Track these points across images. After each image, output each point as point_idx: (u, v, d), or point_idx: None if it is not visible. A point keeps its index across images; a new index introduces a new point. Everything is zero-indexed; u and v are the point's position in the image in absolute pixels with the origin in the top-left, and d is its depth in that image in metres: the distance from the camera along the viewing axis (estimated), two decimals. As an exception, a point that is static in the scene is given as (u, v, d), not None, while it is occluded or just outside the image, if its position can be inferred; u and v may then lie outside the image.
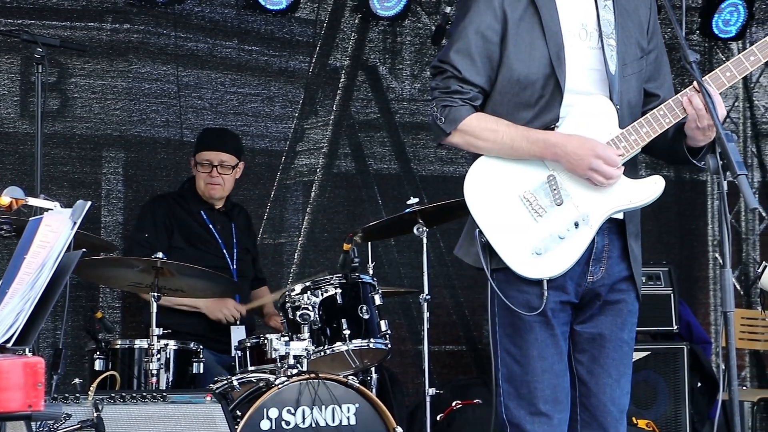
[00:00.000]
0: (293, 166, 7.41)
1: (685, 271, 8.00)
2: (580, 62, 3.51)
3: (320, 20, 7.48)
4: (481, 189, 3.49)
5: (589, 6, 3.57)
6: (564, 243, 3.44)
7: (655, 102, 3.59)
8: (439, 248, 7.31)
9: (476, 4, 3.52)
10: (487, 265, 3.45)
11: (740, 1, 7.98)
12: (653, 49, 3.64)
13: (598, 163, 3.41)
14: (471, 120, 3.51)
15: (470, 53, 3.50)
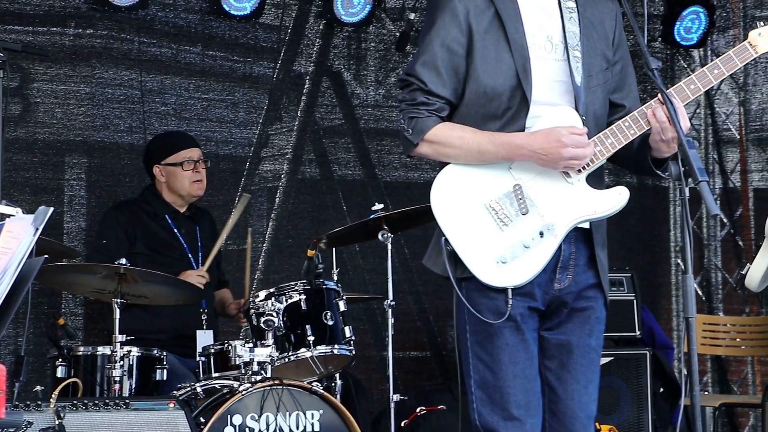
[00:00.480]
0: (257, 172, 7.39)
1: (647, 277, 8.05)
2: (546, 74, 3.53)
3: (284, 26, 7.47)
4: (447, 198, 3.51)
5: (555, 18, 3.59)
6: (529, 252, 3.46)
7: (621, 113, 3.62)
8: (403, 254, 7.32)
9: (442, 17, 3.54)
10: (453, 274, 3.46)
11: (701, 9, 8.05)
12: (619, 60, 3.67)
13: (570, 151, 3.43)
14: (437, 129, 3.52)
15: (436, 66, 3.52)
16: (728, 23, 8.30)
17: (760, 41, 3.56)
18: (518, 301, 3.48)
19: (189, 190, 6.18)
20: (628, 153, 3.58)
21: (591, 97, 3.56)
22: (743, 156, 8.36)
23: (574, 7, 3.62)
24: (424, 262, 3.64)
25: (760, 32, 3.57)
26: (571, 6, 3.62)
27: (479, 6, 3.54)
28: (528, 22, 3.56)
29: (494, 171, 3.51)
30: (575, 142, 3.44)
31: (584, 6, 3.63)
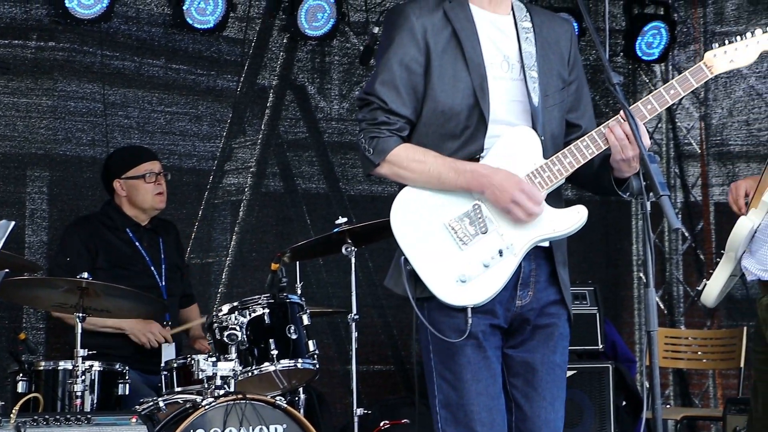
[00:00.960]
0: (221, 186, 7.38)
1: (610, 291, 8.09)
2: (503, 94, 3.55)
3: (248, 39, 7.47)
4: (407, 217, 3.52)
5: (511, 38, 3.61)
6: (489, 271, 3.47)
7: (577, 132, 3.65)
8: (367, 268, 7.32)
9: (400, 35, 3.54)
10: (412, 294, 3.46)
11: (663, 24, 8.12)
12: (574, 80, 3.70)
13: (521, 197, 3.45)
14: (399, 151, 3.53)
15: (395, 85, 3.53)
16: (689, 38, 8.38)
17: (715, 62, 3.61)
18: (479, 318, 3.49)
19: (152, 203, 6.15)
20: (589, 174, 3.60)
21: (548, 117, 3.58)
22: (704, 170, 8.43)
23: (530, 27, 3.64)
24: (385, 283, 3.65)
25: (716, 53, 3.62)
26: (527, 26, 3.64)
27: (437, 25, 3.55)
28: (485, 41, 3.57)
29: (454, 191, 3.52)
30: (532, 193, 3.46)
31: (540, 26, 3.66)
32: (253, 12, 7.43)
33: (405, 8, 3.61)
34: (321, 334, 6.93)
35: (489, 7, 3.62)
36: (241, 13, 7.37)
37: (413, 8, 3.58)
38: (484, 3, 3.62)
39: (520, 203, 3.45)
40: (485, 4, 3.62)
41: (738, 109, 8.17)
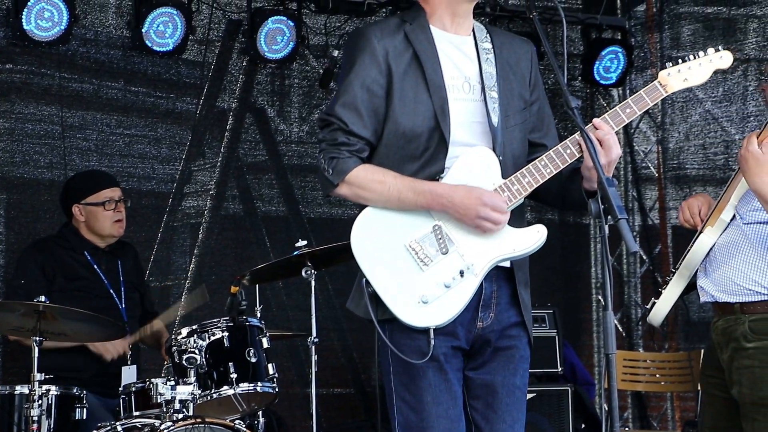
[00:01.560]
0: (180, 208, 7.35)
1: (569, 314, 8.13)
2: (463, 115, 3.56)
3: (208, 62, 7.46)
4: (368, 239, 3.51)
5: (472, 59, 3.63)
6: (450, 292, 3.48)
7: (541, 151, 3.66)
8: (327, 291, 7.31)
9: (361, 58, 3.55)
10: (375, 316, 3.46)
11: (620, 49, 8.20)
12: (536, 100, 3.72)
13: (485, 211, 3.46)
14: (358, 171, 3.53)
15: (356, 107, 3.53)
16: (646, 63, 8.47)
17: (670, 81, 3.64)
18: (441, 340, 3.49)
19: (110, 230, 6.11)
20: (557, 187, 3.61)
21: (508, 137, 3.60)
22: (662, 194, 8.50)
23: (490, 48, 3.66)
24: (347, 305, 3.64)
25: (670, 72, 3.65)
26: (487, 47, 3.66)
27: (398, 47, 3.56)
28: (446, 63, 3.59)
29: (414, 211, 3.53)
30: (495, 204, 3.47)
31: (500, 47, 3.68)
32: (213, 35, 7.43)
33: (366, 30, 3.62)
34: (281, 357, 6.91)
35: (450, 29, 3.64)
36: (201, 35, 7.36)
37: (375, 30, 3.59)
38: (445, 24, 3.63)
39: (486, 217, 3.46)
40: (446, 25, 3.64)
41: (694, 133, 8.25)
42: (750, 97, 7.83)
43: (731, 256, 4.44)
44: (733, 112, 7.93)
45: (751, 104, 7.82)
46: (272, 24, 7.22)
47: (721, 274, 4.45)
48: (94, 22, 7.12)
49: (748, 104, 7.84)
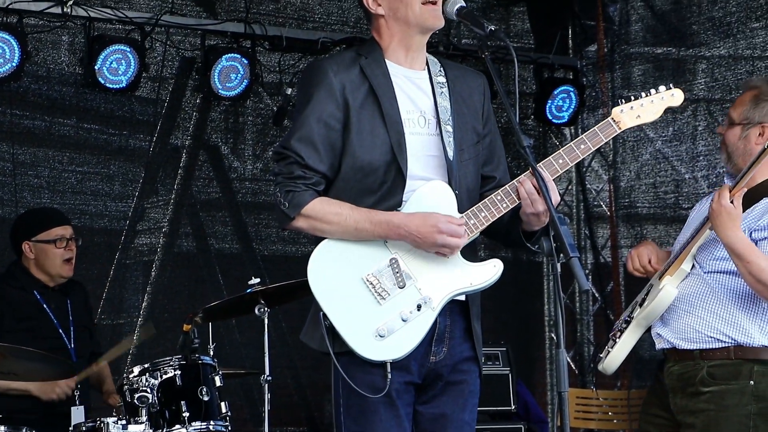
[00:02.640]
0: (133, 246, 7.31)
1: (522, 351, 8.14)
2: (420, 149, 3.58)
3: (161, 99, 7.45)
4: (325, 272, 3.52)
5: (427, 93, 3.66)
6: (407, 325, 3.49)
7: (492, 184, 3.69)
8: (281, 328, 7.28)
9: (318, 92, 3.56)
10: (331, 349, 3.46)
11: (572, 88, 8.28)
12: (488, 133, 3.75)
13: (443, 238, 3.48)
14: (315, 204, 3.53)
15: (313, 141, 3.54)
16: (597, 102, 8.56)
17: (623, 117, 3.69)
18: (395, 375, 3.49)
19: (59, 270, 6.05)
20: (500, 226, 3.64)
21: (463, 170, 3.62)
22: (613, 232, 8.56)
23: (444, 82, 3.69)
24: (301, 337, 3.63)
25: (623, 109, 3.71)
26: (441, 81, 3.69)
27: (354, 81, 3.58)
28: (402, 97, 3.61)
29: (371, 245, 3.53)
30: (451, 230, 3.49)
31: (454, 81, 3.71)
32: (166, 72, 7.42)
33: (322, 64, 3.63)
34: (233, 395, 6.86)
35: (405, 63, 3.66)
36: (154, 73, 7.35)
37: (331, 64, 3.61)
38: (399, 59, 3.66)
39: (444, 243, 3.48)
40: (401, 59, 3.66)
41: (645, 172, 8.33)
42: (699, 136, 7.93)
43: (693, 306, 4.54)
44: (683, 151, 8.02)
45: (700, 144, 7.91)
46: (226, 62, 7.23)
47: (683, 322, 4.55)
48: (47, 59, 7.09)
49: (697, 144, 7.94)
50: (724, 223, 4.35)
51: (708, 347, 4.49)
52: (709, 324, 4.50)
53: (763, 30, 7.51)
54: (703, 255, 4.56)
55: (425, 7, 3.59)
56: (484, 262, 3.59)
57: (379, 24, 3.66)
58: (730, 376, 4.46)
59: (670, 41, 8.18)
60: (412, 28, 3.62)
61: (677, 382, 4.56)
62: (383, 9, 3.63)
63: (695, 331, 4.52)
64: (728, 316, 4.49)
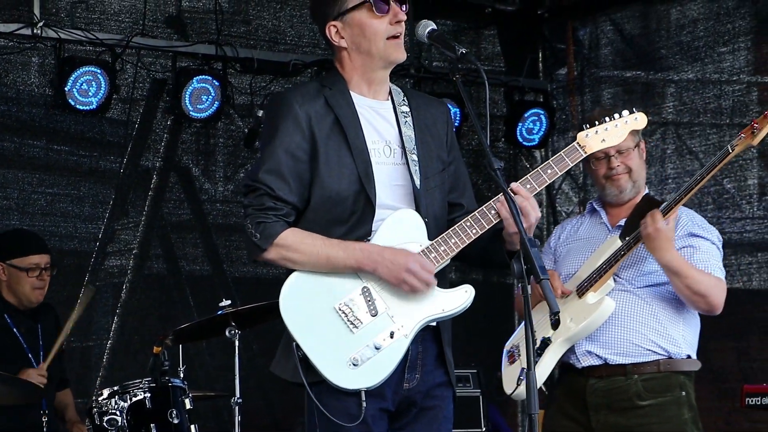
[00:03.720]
0: (103, 268, 7.28)
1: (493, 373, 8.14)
2: (387, 178, 3.60)
3: (132, 120, 7.43)
4: (296, 302, 3.52)
5: (392, 123, 3.68)
6: (380, 353, 3.49)
7: (459, 211, 3.71)
8: (251, 351, 7.26)
9: (284, 123, 3.57)
10: (305, 379, 3.45)
11: (542, 111, 8.32)
12: (452, 161, 3.77)
13: (415, 268, 3.48)
14: (287, 235, 3.53)
15: (281, 173, 3.54)
16: (567, 125, 8.61)
17: (588, 142, 3.73)
18: (370, 402, 3.48)
19: (29, 296, 6.03)
20: (478, 249, 3.65)
21: (430, 199, 3.64)
22: (584, 254, 8.59)
23: (408, 111, 3.71)
24: (272, 369, 3.63)
25: (588, 133, 3.75)
26: (405, 110, 3.71)
27: (319, 112, 3.59)
28: (367, 127, 3.63)
29: (342, 275, 3.54)
30: (423, 265, 3.50)
31: (417, 110, 3.73)
32: (137, 94, 7.41)
33: (287, 96, 3.64)
34: (204, 418, 6.84)
35: (369, 94, 3.68)
36: (125, 94, 7.33)
37: (296, 96, 3.61)
38: (363, 90, 3.67)
39: (416, 274, 3.49)
40: (365, 91, 3.67)
41: (613, 195, 8.37)
42: (668, 159, 7.99)
43: (626, 319, 4.66)
44: (652, 174, 8.07)
45: (669, 167, 7.97)
46: (197, 83, 7.22)
47: (616, 337, 4.66)
48: (16, 81, 7.07)
49: (666, 167, 8.00)
50: (663, 246, 4.49)
51: (641, 360, 4.63)
52: (645, 336, 4.65)
53: (730, 54, 7.59)
54: (629, 271, 4.69)
55: (389, 42, 3.61)
56: (455, 288, 3.59)
57: (342, 56, 3.67)
58: (663, 388, 4.63)
59: (639, 65, 8.25)
60: (375, 62, 3.64)
61: (602, 399, 4.65)
62: (346, 42, 3.64)
63: (631, 344, 4.65)
64: (661, 328, 4.66)
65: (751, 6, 7.54)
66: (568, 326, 4.62)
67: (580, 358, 4.68)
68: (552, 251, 4.99)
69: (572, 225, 4.99)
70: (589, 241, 4.81)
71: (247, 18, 7.78)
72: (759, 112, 7.38)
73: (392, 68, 3.71)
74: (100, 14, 7.26)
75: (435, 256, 3.55)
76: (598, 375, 4.67)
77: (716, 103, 7.65)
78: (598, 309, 4.59)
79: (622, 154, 4.78)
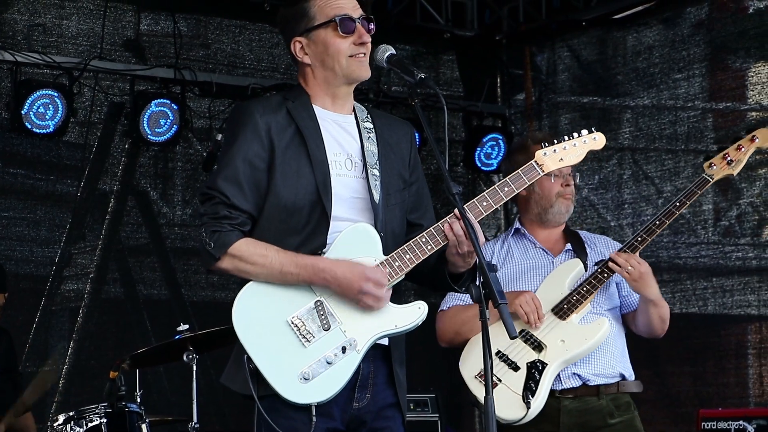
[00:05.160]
0: (59, 292, 7.23)
1: (452, 398, 8.15)
2: (345, 191, 3.60)
3: (89, 144, 7.41)
4: (249, 315, 3.51)
5: (354, 137, 3.68)
6: (332, 368, 3.48)
7: (419, 231, 3.70)
8: (209, 375, 7.23)
9: (244, 132, 3.58)
10: (255, 392, 3.44)
11: (501, 136, 8.38)
12: (415, 181, 3.78)
13: (368, 287, 3.49)
14: (240, 245, 3.53)
15: (238, 180, 3.55)
16: (525, 150, 8.65)
17: (546, 160, 3.73)
18: (318, 421, 3.47)
19: None
20: (426, 269, 3.65)
21: (389, 215, 3.65)
22: (541, 278, 8.63)
23: (371, 128, 3.72)
24: (222, 380, 3.61)
25: (546, 152, 3.74)
26: (369, 127, 3.72)
27: (280, 123, 3.60)
28: (328, 139, 3.63)
29: (295, 287, 3.53)
30: (377, 280, 3.50)
31: (381, 128, 3.74)
32: (95, 117, 7.39)
33: (249, 106, 3.65)
34: (160, 443, 6.79)
35: (332, 108, 3.69)
36: (82, 117, 7.31)
37: (257, 106, 3.63)
38: (326, 103, 3.68)
39: (368, 292, 3.49)
40: (328, 104, 3.68)
41: (572, 219, 8.39)
42: (624, 184, 8.06)
43: (608, 342, 4.72)
44: (609, 199, 8.14)
45: (625, 192, 8.04)
46: (155, 107, 7.21)
47: (601, 359, 4.73)
48: (-28, 104, 7.03)
49: (623, 192, 8.07)
50: (651, 283, 4.64)
51: (610, 382, 4.74)
52: (617, 359, 4.76)
53: (685, 81, 7.68)
54: (600, 295, 4.75)
55: (352, 59, 3.63)
56: (409, 304, 3.59)
57: (306, 72, 3.69)
58: (626, 407, 4.75)
59: (596, 91, 8.33)
60: (339, 78, 3.65)
61: (577, 419, 4.69)
62: (310, 58, 3.66)
63: (610, 367, 4.74)
64: (618, 350, 4.78)
65: (706, 33, 7.64)
66: (563, 347, 4.66)
67: (563, 381, 4.71)
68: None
69: (499, 247, 4.97)
70: (531, 266, 4.85)
71: (206, 42, 7.78)
72: (714, 138, 7.49)
73: (356, 85, 3.72)
74: (57, 37, 7.24)
75: (389, 270, 3.55)
76: (572, 395, 4.71)
77: (672, 129, 7.73)
78: (600, 330, 4.67)
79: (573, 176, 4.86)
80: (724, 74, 7.61)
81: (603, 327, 4.66)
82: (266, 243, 3.53)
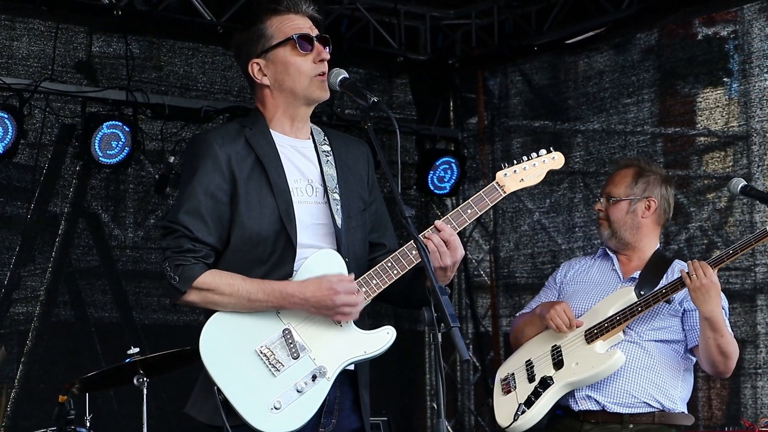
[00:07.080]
0: (8, 315, 7.16)
1: (404, 420, 8.16)
2: (308, 217, 3.59)
3: (40, 166, 7.34)
4: (217, 345, 3.49)
5: (313, 162, 3.68)
6: (302, 396, 3.47)
7: (382, 251, 3.72)
8: (160, 399, 7.18)
9: (204, 164, 3.55)
10: (226, 423, 3.41)
11: (453, 159, 8.41)
12: (374, 200, 3.78)
13: (340, 299, 3.48)
14: (206, 276, 3.51)
15: (200, 214, 3.52)
16: (478, 173, 8.71)
17: (507, 181, 3.74)
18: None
19: None
20: (400, 288, 3.65)
21: (351, 238, 3.64)
22: (494, 301, 8.67)
23: (329, 150, 3.72)
24: (187, 410, 3.57)
25: (506, 173, 3.76)
26: (326, 149, 3.72)
27: (240, 153, 3.58)
28: (288, 166, 3.62)
29: (263, 316, 3.51)
30: (347, 289, 3.50)
31: (338, 149, 3.74)
32: (45, 139, 7.33)
33: (207, 137, 3.63)
34: (110, 468, 6.74)
35: (290, 133, 3.68)
36: (33, 139, 7.25)
37: (215, 137, 3.60)
38: (285, 129, 3.67)
39: (342, 303, 3.48)
40: (286, 130, 3.67)
41: (524, 243, 8.48)
42: (575, 208, 8.12)
43: (630, 371, 4.71)
44: (560, 222, 8.20)
45: (576, 215, 8.10)
46: (107, 129, 7.17)
47: (617, 386, 4.73)
48: None
49: (573, 215, 8.12)
50: (713, 299, 4.53)
51: (637, 411, 4.70)
52: (644, 389, 4.71)
53: (634, 106, 7.76)
54: (640, 325, 4.74)
55: (314, 80, 3.61)
56: (377, 330, 3.61)
57: (264, 94, 3.68)
58: None
59: (548, 115, 8.40)
60: (298, 99, 3.64)
61: None
62: (268, 80, 3.64)
63: (630, 395, 4.71)
64: (661, 382, 4.73)
65: (656, 59, 7.73)
66: (572, 370, 4.67)
67: (579, 402, 4.73)
68: (557, 286, 5.05)
69: (581, 265, 5.04)
70: (599, 285, 4.87)
71: (158, 64, 7.76)
72: (663, 162, 7.57)
73: (314, 106, 3.72)
74: (8, 59, 7.18)
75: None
76: (594, 420, 4.72)
77: (622, 153, 7.80)
78: (609, 361, 4.66)
79: (610, 202, 4.86)
80: (673, 99, 7.70)
81: (613, 357, 4.65)
82: (232, 273, 3.51)
